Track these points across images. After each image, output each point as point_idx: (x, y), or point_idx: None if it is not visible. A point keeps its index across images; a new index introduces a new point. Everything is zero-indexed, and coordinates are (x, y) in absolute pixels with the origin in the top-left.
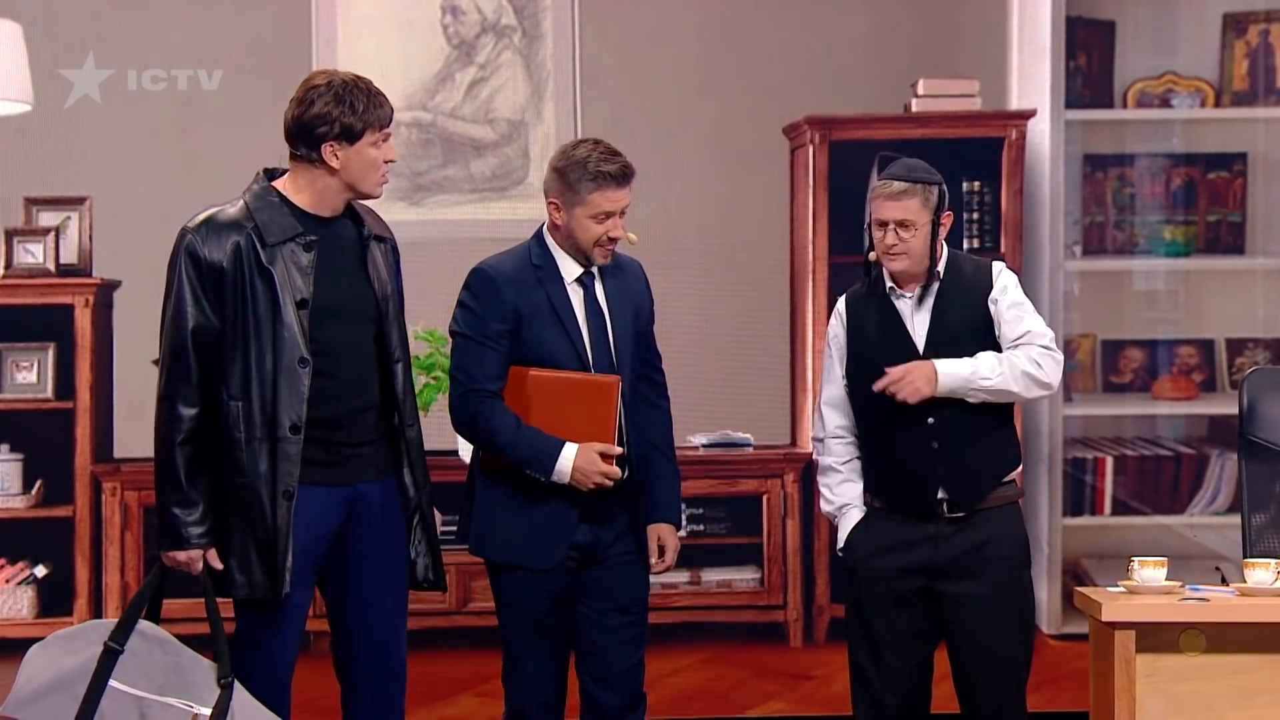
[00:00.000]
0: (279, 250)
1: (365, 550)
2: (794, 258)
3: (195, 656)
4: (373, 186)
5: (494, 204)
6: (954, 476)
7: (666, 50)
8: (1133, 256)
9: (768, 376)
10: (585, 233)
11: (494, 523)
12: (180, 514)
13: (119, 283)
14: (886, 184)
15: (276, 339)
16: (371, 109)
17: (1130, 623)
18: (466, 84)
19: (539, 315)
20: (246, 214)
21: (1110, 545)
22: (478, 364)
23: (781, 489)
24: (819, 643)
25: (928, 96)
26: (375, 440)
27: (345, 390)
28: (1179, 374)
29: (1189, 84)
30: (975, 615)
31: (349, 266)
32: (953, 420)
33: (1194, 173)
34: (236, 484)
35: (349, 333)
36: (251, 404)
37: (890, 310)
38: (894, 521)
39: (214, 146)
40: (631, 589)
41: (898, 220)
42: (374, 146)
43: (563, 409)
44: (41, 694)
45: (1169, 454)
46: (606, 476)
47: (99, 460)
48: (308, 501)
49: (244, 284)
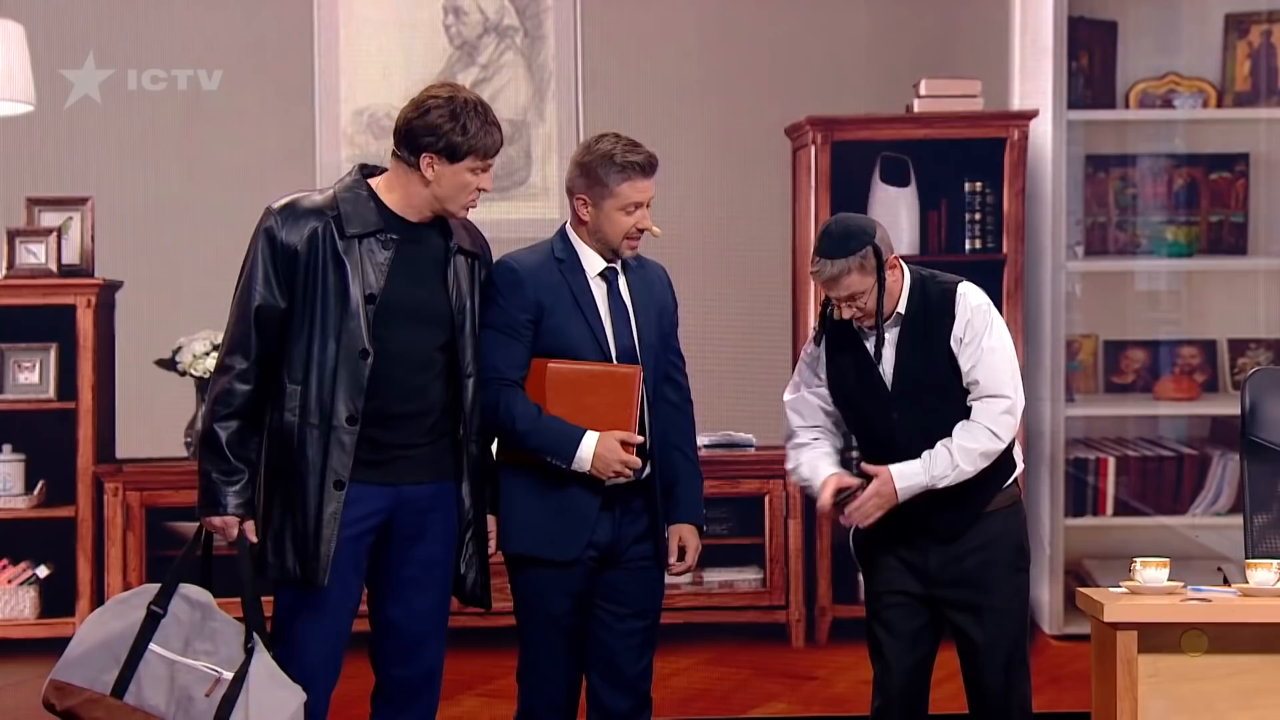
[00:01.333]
0: (356, 243)
1: (406, 550)
2: (796, 258)
3: (230, 622)
4: (457, 209)
5: (496, 204)
6: (939, 508)
7: (668, 50)
8: (1135, 257)
9: (770, 377)
10: (615, 226)
11: (514, 514)
12: (220, 479)
13: (121, 283)
14: (819, 268)
15: (342, 328)
16: (481, 135)
17: (1132, 623)
18: (468, 85)
19: (561, 307)
20: (331, 202)
21: (1112, 546)
22: (500, 354)
23: (784, 489)
24: (821, 643)
25: (930, 97)
26: (427, 445)
27: (401, 392)
28: (1181, 374)
29: (1191, 84)
30: (978, 621)
31: (428, 272)
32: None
33: (1196, 173)
34: (285, 467)
35: (415, 336)
36: (310, 389)
37: (861, 351)
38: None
39: (216, 147)
40: (648, 594)
41: (843, 298)
42: (471, 172)
43: (583, 399)
44: (88, 656)
45: (1171, 454)
46: (627, 465)
47: (101, 461)
48: (351, 497)
49: (316, 270)
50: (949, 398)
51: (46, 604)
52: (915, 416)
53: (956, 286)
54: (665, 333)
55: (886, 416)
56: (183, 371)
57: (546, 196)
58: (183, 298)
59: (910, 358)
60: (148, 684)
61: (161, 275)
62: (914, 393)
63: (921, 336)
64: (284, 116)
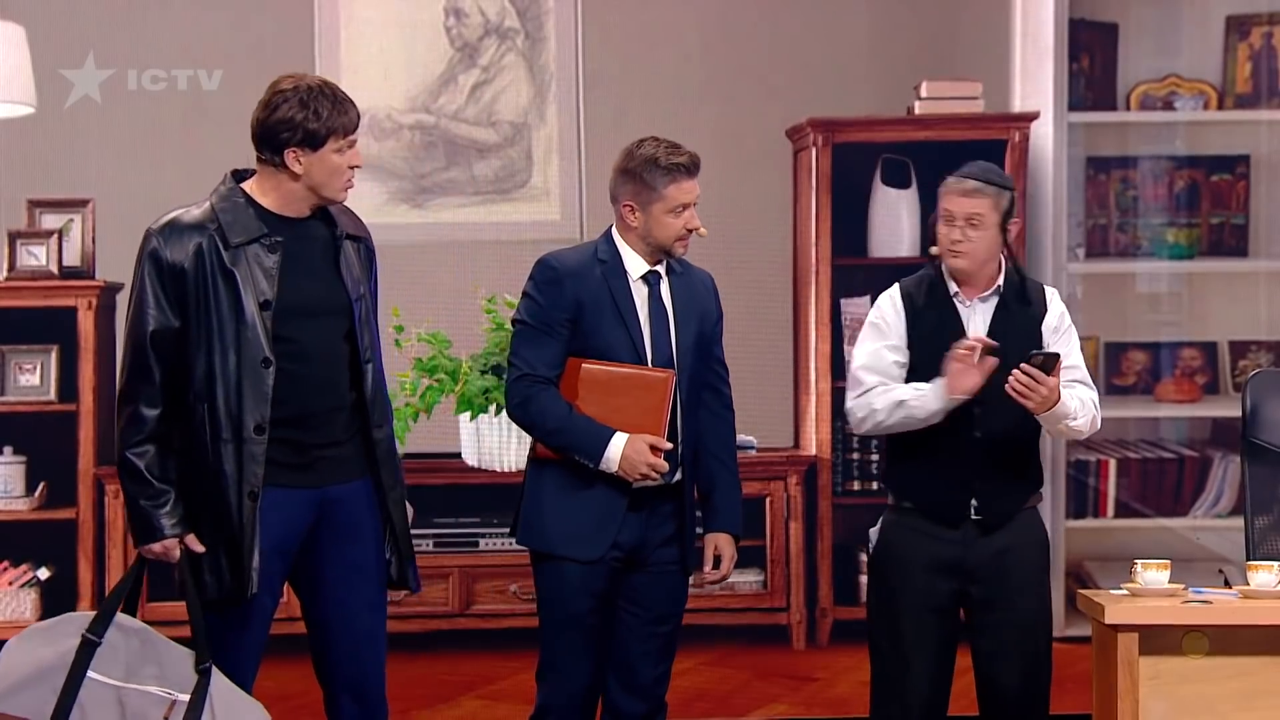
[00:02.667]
0: (243, 251)
1: (336, 551)
2: (797, 260)
3: (172, 645)
4: (336, 192)
5: (497, 206)
6: (989, 491)
7: (669, 52)
8: (1135, 259)
9: (771, 379)
10: (665, 229)
11: (541, 511)
12: (149, 506)
13: (122, 285)
14: (960, 180)
15: (240, 339)
16: (335, 115)
17: (1133, 625)
18: (469, 86)
19: (600, 308)
20: (211, 215)
21: (1113, 548)
22: (536, 351)
23: (785, 491)
24: (822, 645)
25: (931, 99)
26: (347, 441)
27: (316, 390)
28: (1182, 376)
29: (1192, 86)
30: (1004, 618)
31: (319, 265)
32: (1000, 437)
33: (1197, 175)
34: (203, 485)
35: (319, 332)
36: (216, 405)
37: (952, 314)
38: (922, 521)
39: (216, 148)
40: (670, 599)
41: (966, 215)
42: (338, 153)
43: (615, 401)
44: (21, 686)
45: (1172, 456)
46: (653, 469)
47: (102, 462)
48: (276, 503)
49: (206, 285)
50: None
51: (47, 606)
52: (997, 388)
53: (1044, 285)
54: (708, 339)
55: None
56: None
57: (548, 198)
58: None
59: (1003, 328)
60: (93, 712)
61: None
62: (1002, 366)
63: (1017, 315)
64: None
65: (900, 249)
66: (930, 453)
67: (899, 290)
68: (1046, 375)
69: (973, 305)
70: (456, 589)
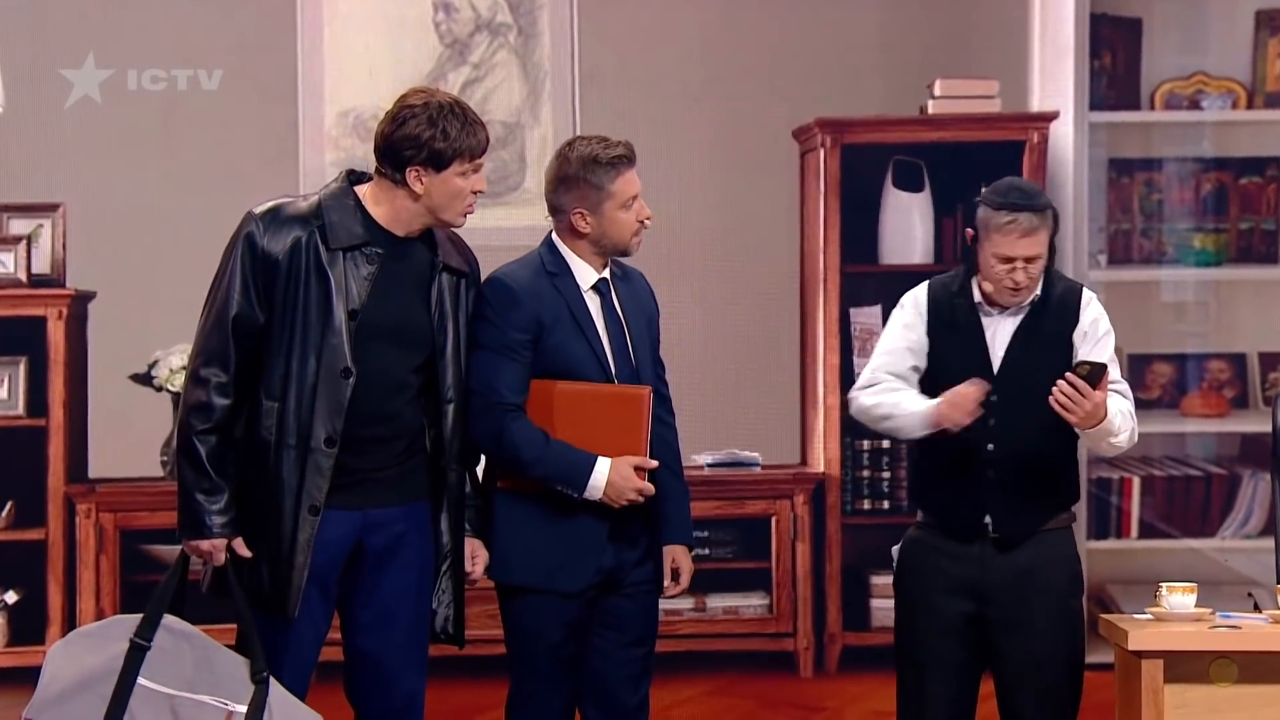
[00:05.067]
0: (342, 256)
1: (378, 576)
2: (804, 268)
3: (226, 651)
4: (455, 216)
5: (489, 211)
6: (1004, 507)
7: (669, 49)
8: (1160, 266)
9: (776, 392)
10: (621, 227)
11: (518, 544)
12: (203, 500)
13: (94, 294)
14: (1013, 217)
15: (324, 344)
16: (464, 136)
17: (1158, 651)
18: (460, 85)
19: (560, 324)
20: (316, 211)
21: (1137, 570)
22: (498, 376)
23: (791, 510)
24: (831, 673)
25: (945, 98)
26: (395, 468)
27: (372, 415)
28: (1209, 390)
29: (1220, 84)
30: (1023, 644)
31: (410, 290)
32: (1013, 451)
33: (1225, 178)
34: (259, 488)
35: (392, 357)
36: (288, 407)
37: (974, 325)
38: (941, 538)
39: (193, 150)
40: (647, 620)
41: (1027, 256)
42: (461, 176)
43: (591, 423)
44: (67, 695)
45: (1199, 474)
46: (640, 493)
47: (73, 481)
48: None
49: (298, 282)
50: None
51: (15, 631)
52: (1014, 403)
53: (1082, 286)
54: (653, 344)
55: (984, 399)
56: (159, 387)
57: (541, 202)
58: (158, 309)
59: (1026, 342)
60: None
61: (136, 285)
62: (1020, 379)
63: (1043, 325)
64: (265, 118)
65: (913, 256)
66: (946, 465)
67: (926, 293)
68: (1092, 388)
69: (998, 317)
70: None
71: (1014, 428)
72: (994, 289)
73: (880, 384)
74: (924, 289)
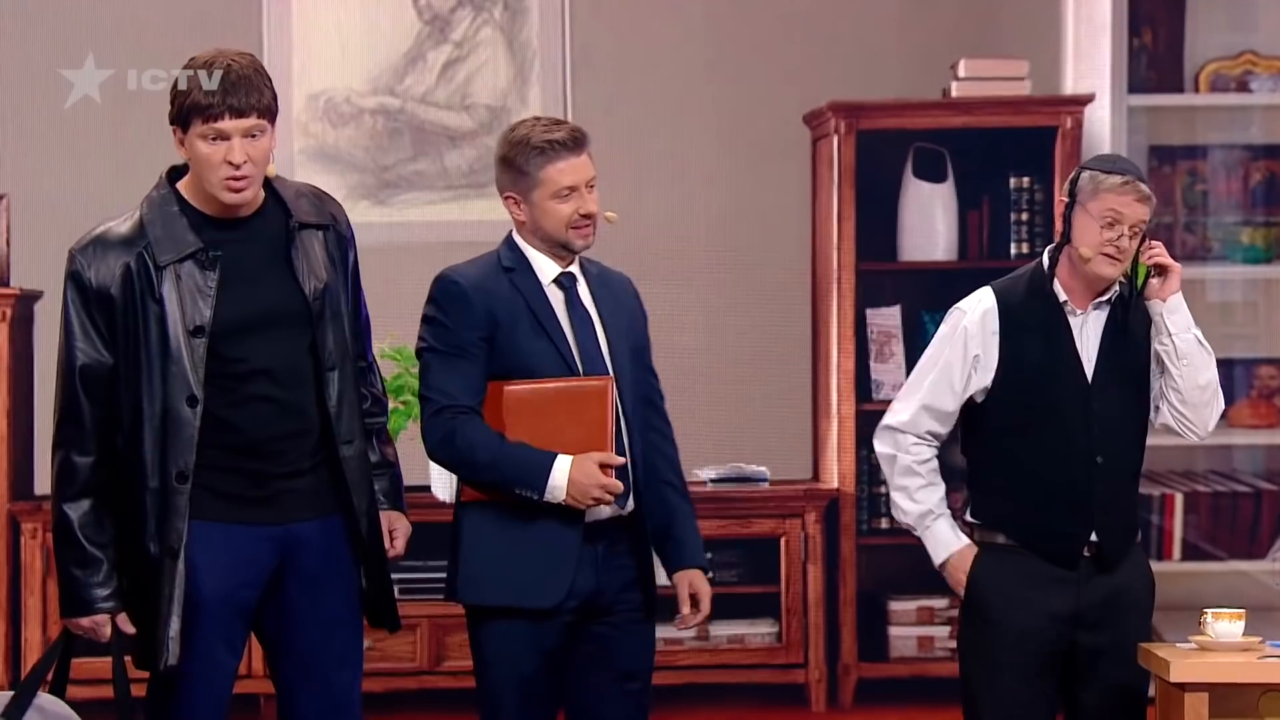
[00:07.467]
0: (172, 271)
1: (303, 600)
2: (816, 264)
3: None
4: (217, 190)
5: (472, 203)
6: (1110, 524)
7: (669, 26)
8: (1205, 263)
9: (786, 401)
10: (552, 217)
11: (482, 561)
12: (80, 574)
13: (40, 293)
14: (1133, 182)
15: (166, 375)
16: (202, 94)
17: (1203, 684)
18: (440, 65)
19: (517, 321)
20: (139, 230)
21: (1180, 595)
22: (451, 378)
23: (802, 530)
24: (845, 706)
25: (970, 80)
26: (312, 469)
27: (282, 413)
28: (1259, 398)
29: (1270, 65)
30: (1106, 669)
31: (269, 269)
32: (1121, 463)
33: (1275, 167)
34: (127, 539)
35: (272, 346)
36: (143, 449)
37: (1060, 328)
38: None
39: (146, 139)
40: (639, 652)
41: (1134, 222)
42: (203, 139)
43: (550, 424)
44: None
45: (1247, 490)
46: (606, 490)
47: (17, 498)
48: (232, 543)
49: (135, 313)
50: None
51: None
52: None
53: None
54: (639, 346)
55: (1085, 408)
56: None
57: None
58: None
59: (1116, 342)
60: None
61: None
62: (1117, 383)
63: (1129, 322)
64: None
65: (935, 252)
66: (1041, 479)
67: (994, 300)
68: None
69: (1084, 315)
70: (426, 642)
71: (1115, 434)
72: (1091, 258)
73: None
74: (988, 296)
